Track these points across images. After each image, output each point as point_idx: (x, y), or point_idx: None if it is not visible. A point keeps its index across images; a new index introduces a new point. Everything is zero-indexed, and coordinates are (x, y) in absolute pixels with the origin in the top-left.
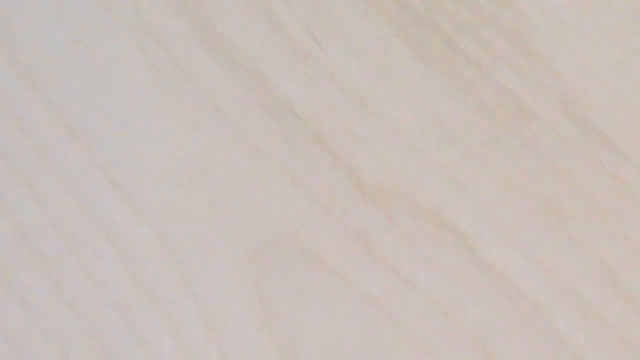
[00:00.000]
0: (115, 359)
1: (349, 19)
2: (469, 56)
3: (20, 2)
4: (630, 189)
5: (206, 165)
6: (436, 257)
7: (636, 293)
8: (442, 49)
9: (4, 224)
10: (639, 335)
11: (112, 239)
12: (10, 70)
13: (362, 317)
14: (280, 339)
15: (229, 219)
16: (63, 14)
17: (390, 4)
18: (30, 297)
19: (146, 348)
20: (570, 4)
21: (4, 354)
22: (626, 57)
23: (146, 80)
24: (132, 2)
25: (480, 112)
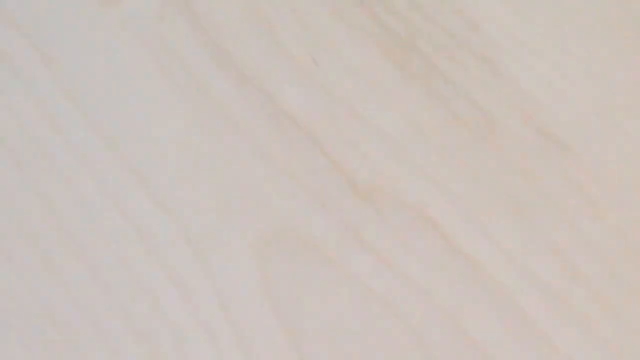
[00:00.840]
0: (141, 332)
1: (342, 43)
2: (444, 74)
3: (65, 30)
4: (581, 186)
5: (220, 167)
6: (417, 245)
7: (586, 273)
8: (421, 68)
9: (48, 219)
10: (587, 308)
11: (140, 229)
12: (54, 86)
13: (353, 297)
14: (282, 315)
15: (239, 212)
16: (101, 42)
17: (378, 31)
18: (71, 279)
19: (167, 321)
20: (532, 30)
21: (48, 330)
22: (579, 77)
23: (170, 96)
24: (158, 31)
25: (454, 121)
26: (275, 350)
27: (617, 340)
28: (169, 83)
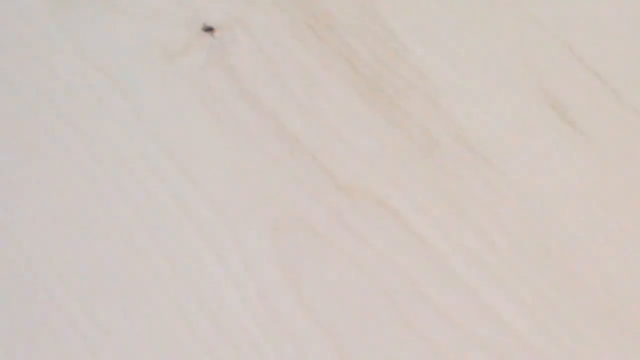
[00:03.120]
0: (186, 286)
1: (329, 85)
2: (401, 109)
3: (139, 76)
4: (499, 190)
5: (244, 170)
6: (383, 226)
7: (500, 245)
8: (385, 104)
9: (126, 211)
10: (500, 267)
11: (188, 214)
12: (132, 115)
13: (337, 261)
14: (288, 274)
15: (258, 203)
16: (164, 85)
17: (354, 77)
18: (139, 250)
19: (206, 280)
20: (464, 79)
21: (118, 289)
22: (496, 111)
23: (210, 122)
24: (203, 78)
25: (408, 141)
26: (282, 297)
27: (526, 290)
28: (209, 113)
